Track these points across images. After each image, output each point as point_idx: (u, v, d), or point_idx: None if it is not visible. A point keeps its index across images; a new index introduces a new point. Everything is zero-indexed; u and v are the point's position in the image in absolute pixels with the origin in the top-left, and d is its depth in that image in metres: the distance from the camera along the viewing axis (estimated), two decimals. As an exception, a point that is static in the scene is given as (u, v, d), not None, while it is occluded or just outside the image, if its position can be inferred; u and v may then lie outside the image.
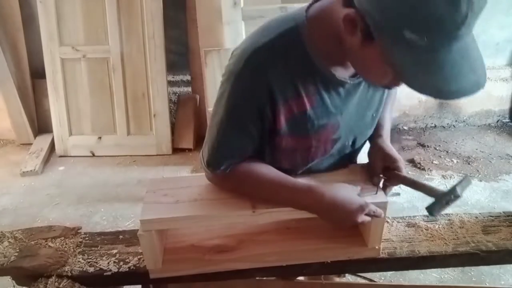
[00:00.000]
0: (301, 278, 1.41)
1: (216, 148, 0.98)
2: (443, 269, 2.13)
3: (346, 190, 0.97)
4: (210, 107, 2.78)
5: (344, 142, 1.07)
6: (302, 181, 0.99)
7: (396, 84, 0.85)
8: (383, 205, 0.96)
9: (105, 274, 1.01)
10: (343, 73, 0.93)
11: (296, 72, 0.90)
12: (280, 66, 0.88)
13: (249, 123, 0.94)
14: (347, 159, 1.13)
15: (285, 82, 0.89)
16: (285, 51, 0.88)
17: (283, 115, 0.93)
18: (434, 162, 3.24)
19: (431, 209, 1.00)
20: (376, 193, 1.00)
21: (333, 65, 0.91)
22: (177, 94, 3.60)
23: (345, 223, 0.96)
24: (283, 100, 0.91)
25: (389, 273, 2.10)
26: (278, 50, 0.87)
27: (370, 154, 1.11)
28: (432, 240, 1.08)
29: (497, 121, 3.85)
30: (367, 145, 1.16)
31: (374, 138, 1.13)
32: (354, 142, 1.10)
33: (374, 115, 1.08)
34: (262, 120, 0.93)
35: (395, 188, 1.15)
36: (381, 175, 1.06)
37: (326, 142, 1.02)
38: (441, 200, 0.99)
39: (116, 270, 1.01)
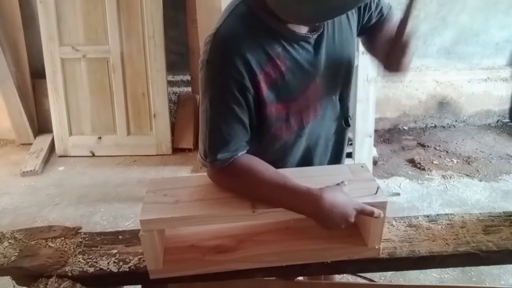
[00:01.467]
0: (300, 278, 1.41)
1: (208, 137, 0.98)
2: (443, 269, 2.13)
3: (342, 193, 0.97)
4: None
5: (331, 97, 1.11)
6: (301, 184, 0.98)
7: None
8: (383, 205, 0.96)
9: (105, 274, 1.01)
10: (301, 29, 0.98)
11: (260, 39, 0.94)
12: (245, 37, 0.93)
13: (233, 104, 0.95)
14: (341, 123, 1.17)
15: (256, 50, 0.93)
16: (242, 23, 0.94)
17: (264, 83, 0.96)
18: (434, 162, 3.24)
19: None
20: (376, 193, 0.99)
21: (288, 24, 0.96)
22: (177, 94, 3.61)
23: (340, 225, 0.95)
24: (259, 68, 0.94)
25: (389, 273, 2.10)
26: (236, 25, 0.94)
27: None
28: (433, 240, 1.08)
29: (497, 121, 3.85)
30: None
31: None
32: (341, 96, 1.14)
33: (347, 65, 1.11)
34: (245, 97, 0.95)
35: (395, 188, 1.15)
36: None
37: (314, 100, 1.05)
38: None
39: (116, 270, 1.01)
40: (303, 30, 0.98)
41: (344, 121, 1.18)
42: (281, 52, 0.96)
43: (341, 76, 1.11)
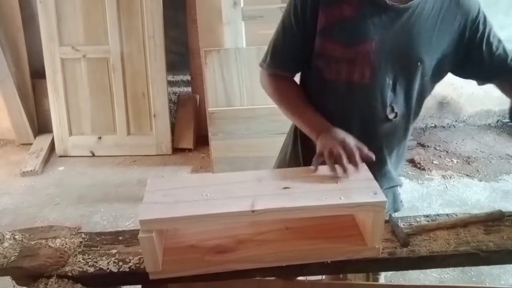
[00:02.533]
0: (301, 278, 1.41)
1: (270, 44, 1.20)
2: (443, 269, 2.13)
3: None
4: (210, 107, 2.78)
5: (383, 76, 1.13)
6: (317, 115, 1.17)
7: None
8: (383, 205, 0.96)
9: (105, 274, 1.01)
10: None
11: None
12: None
13: (295, 18, 1.11)
14: (386, 106, 1.17)
15: None
16: None
17: (324, 16, 1.08)
18: (434, 162, 3.24)
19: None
20: (376, 193, 0.99)
21: None
22: (177, 94, 3.61)
23: (330, 144, 1.06)
24: (325, 2, 1.07)
25: (389, 273, 2.10)
26: None
27: None
28: (435, 240, 1.08)
29: (497, 121, 3.85)
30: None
31: None
32: (394, 86, 1.15)
33: (413, 57, 1.12)
34: (306, 16, 1.09)
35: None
36: None
37: (364, 62, 1.10)
38: None
39: (116, 270, 1.01)
40: None
41: (390, 109, 1.18)
42: (354, 2, 1.07)
43: (401, 62, 1.12)
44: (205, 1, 2.87)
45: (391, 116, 1.18)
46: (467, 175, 3.07)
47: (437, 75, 1.24)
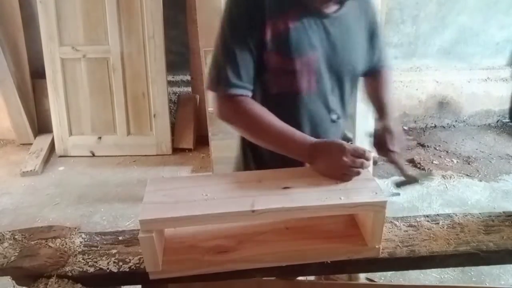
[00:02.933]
0: (300, 278, 1.41)
1: (221, 64, 1.09)
2: (443, 269, 2.14)
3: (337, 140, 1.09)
4: (210, 107, 2.78)
5: (326, 83, 1.17)
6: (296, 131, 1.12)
7: None
8: (383, 205, 0.96)
9: (105, 274, 1.01)
10: (323, 7, 1.11)
11: None
12: None
13: (246, 31, 1.07)
14: (330, 110, 1.23)
15: (274, 1, 1.06)
16: None
17: (269, 29, 1.06)
18: (434, 162, 3.24)
19: (399, 185, 1.27)
20: (376, 193, 0.99)
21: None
22: (177, 94, 3.61)
23: (336, 165, 1.03)
24: (271, 14, 1.06)
25: (389, 273, 2.10)
26: None
27: (376, 130, 1.27)
28: (435, 240, 1.08)
29: (497, 121, 3.85)
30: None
31: (380, 118, 1.29)
32: (335, 90, 1.20)
33: (349, 65, 1.19)
34: (256, 28, 1.06)
35: (395, 188, 1.18)
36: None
37: (309, 72, 1.12)
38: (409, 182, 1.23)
39: (116, 270, 1.01)
40: (324, 8, 1.11)
41: (334, 114, 1.25)
42: (295, 13, 1.08)
43: (339, 69, 1.18)
44: (205, 1, 2.87)
45: (334, 117, 1.25)
46: (467, 175, 3.07)
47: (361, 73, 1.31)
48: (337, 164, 1.02)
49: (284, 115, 1.14)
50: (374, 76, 1.37)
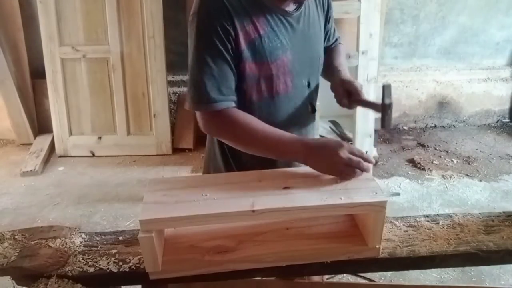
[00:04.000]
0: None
1: (201, 79, 1.07)
2: (443, 269, 2.14)
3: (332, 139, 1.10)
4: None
5: (301, 80, 1.21)
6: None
7: None
8: (382, 205, 0.96)
9: (105, 274, 1.01)
10: (284, 5, 1.13)
11: (247, 4, 1.07)
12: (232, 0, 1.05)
13: (221, 48, 1.05)
14: (307, 104, 1.27)
15: (240, 10, 1.06)
16: None
17: (243, 38, 1.07)
18: (434, 162, 3.24)
19: (383, 124, 1.21)
20: (376, 193, 0.99)
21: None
22: (177, 94, 3.61)
23: (332, 161, 1.03)
24: (240, 25, 1.06)
25: (389, 273, 2.10)
26: None
27: (332, 86, 1.28)
28: (435, 240, 1.08)
29: (497, 121, 3.85)
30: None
31: (334, 75, 1.29)
32: (309, 83, 1.25)
33: (316, 55, 1.26)
34: (229, 41, 1.06)
35: (395, 188, 1.17)
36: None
37: (285, 73, 1.15)
38: (384, 113, 1.19)
39: (116, 270, 1.01)
40: (285, 6, 1.13)
41: (311, 107, 1.29)
42: (262, 19, 1.09)
43: (310, 62, 1.24)
44: (205, 1, 2.87)
45: (311, 110, 1.30)
46: (467, 175, 3.07)
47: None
48: (334, 159, 1.02)
49: (264, 117, 1.15)
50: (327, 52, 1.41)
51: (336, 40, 1.46)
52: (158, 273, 0.99)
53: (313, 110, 1.31)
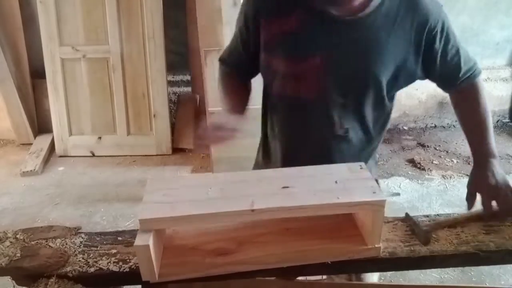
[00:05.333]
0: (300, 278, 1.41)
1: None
2: (443, 269, 2.13)
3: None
4: (210, 107, 2.78)
5: (331, 93, 1.09)
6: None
7: None
8: (382, 205, 0.96)
9: (105, 274, 1.01)
10: (333, 9, 1.01)
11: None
12: None
13: (240, 30, 1.16)
14: (333, 122, 1.14)
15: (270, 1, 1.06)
16: None
17: (266, 31, 1.08)
18: (434, 162, 3.24)
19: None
20: (375, 193, 0.99)
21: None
22: (177, 94, 3.61)
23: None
24: (265, 16, 1.07)
25: (389, 273, 2.10)
26: None
27: (472, 179, 1.16)
28: (435, 240, 1.08)
29: (497, 121, 3.85)
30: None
31: (475, 159, 1.18)
32: (344, 102, 1.10)
33: (367, 74, 1.06)
34: (248, 30, 1.13)
35: (395, 188, 1.16)
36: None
37: (312, 78, 1.07)
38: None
39: (116, 270, 1.01)
40: (335, 10, 1.01)
41: (335, 129, 1.15)
42: (297, 14, 1.04)
43: (352, 79, 1.08)
44: (205, 1, 2.87)
45: (340, 132, 1.15)
46: (467, 175, 3.04)
47: (395, 88, 1.15)
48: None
49: (281, 117, 1.19)
50: (458, 93, 1.22)
51: (471, 71, 1.17)
52: (159, 277, 0.98)
53: (344, 132, 1.14)
